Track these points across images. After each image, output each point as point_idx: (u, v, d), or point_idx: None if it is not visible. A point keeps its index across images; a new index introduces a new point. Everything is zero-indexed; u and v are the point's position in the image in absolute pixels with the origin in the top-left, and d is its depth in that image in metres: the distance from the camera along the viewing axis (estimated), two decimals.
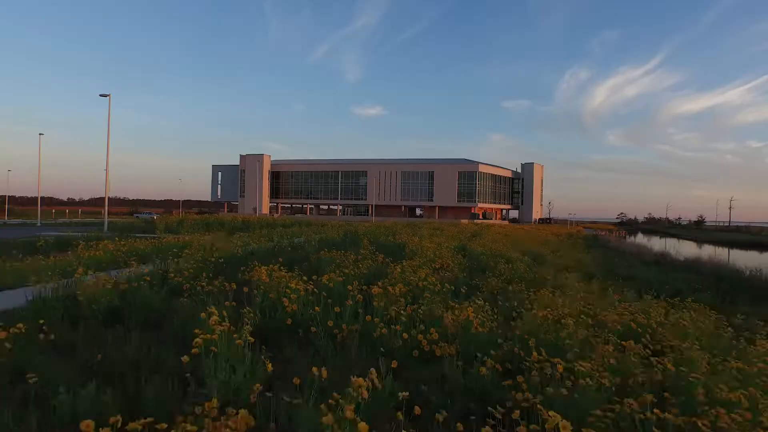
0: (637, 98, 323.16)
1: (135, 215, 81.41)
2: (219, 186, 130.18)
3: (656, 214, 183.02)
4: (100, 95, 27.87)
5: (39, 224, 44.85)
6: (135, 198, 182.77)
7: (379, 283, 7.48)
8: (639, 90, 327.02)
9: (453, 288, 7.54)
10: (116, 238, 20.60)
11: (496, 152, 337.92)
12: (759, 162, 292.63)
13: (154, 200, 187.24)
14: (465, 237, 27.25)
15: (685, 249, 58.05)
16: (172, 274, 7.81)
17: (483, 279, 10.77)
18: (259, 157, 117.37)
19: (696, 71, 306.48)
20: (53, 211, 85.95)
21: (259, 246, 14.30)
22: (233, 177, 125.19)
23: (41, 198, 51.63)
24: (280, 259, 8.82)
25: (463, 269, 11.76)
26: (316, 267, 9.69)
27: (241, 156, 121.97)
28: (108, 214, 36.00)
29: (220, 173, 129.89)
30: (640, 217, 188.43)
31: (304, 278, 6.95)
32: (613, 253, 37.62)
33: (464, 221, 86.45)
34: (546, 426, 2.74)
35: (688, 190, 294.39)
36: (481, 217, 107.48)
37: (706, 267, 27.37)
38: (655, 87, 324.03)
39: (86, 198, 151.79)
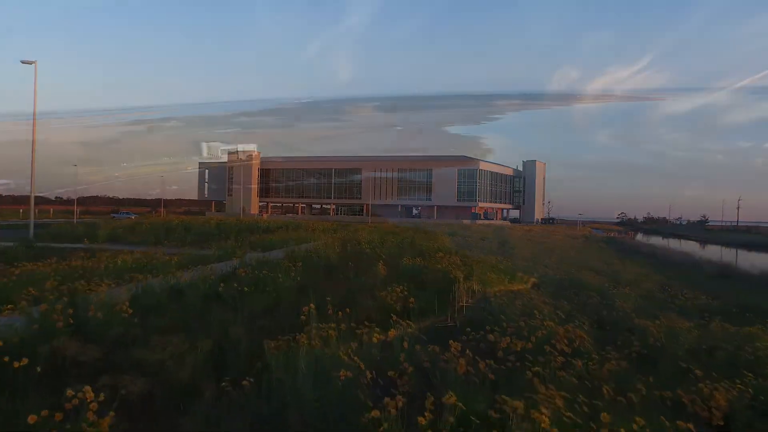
0: (627, 98, 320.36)
1: (113, 215, 78.57)
2: (206, 184, 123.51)
3: (654, 214, 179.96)
4: (22, 62, 21.36)
5: None
6: (124, 197, 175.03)
7: None
8: (628, 90, 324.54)
9: None
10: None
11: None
12: (749, 162, 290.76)
13: (146, 199, 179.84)
14: (495, 246, 21.43)
15: (728, 255, 53.27)
16: None
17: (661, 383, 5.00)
18: (247, 154, 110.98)
19: (685, 72, 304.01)
20: (21, 210, 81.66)
21: (197, 278, 8.26)
22: (221, 175, 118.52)
23: (28, 197, 46.79)
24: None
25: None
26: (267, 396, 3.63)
27: (229, 153, 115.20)
28: (89, 213, 30.55)
29: (206, 171, 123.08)
30: (639, 217, 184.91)
31: None
32: (657, 261, 32.08)
33: (466, 221, 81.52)
34: None
35: (681, 189, 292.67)
36: (482, 217, 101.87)
37: None
38: (645, 87, 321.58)
39: (74, 197, 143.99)
